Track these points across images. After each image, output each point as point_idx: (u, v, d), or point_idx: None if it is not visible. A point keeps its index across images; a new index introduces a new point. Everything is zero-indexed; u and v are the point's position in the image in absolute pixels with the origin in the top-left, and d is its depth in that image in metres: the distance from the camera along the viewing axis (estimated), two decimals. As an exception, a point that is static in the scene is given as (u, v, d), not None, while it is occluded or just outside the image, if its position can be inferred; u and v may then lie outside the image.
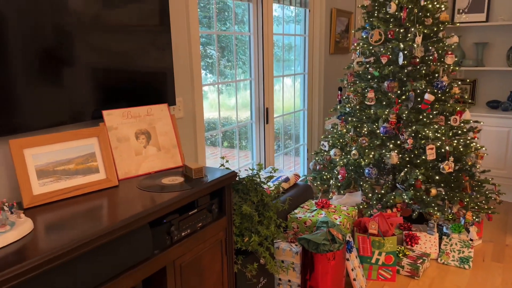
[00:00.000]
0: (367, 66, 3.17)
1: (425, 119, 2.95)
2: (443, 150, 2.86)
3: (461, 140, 2.99)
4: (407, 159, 2.99)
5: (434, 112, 2.99)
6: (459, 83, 3.07)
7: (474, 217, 2.98)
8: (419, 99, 3.00)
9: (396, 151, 2.89)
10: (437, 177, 2.92)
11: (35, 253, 1.12)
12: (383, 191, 3.03)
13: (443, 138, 2.88)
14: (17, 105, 1.50)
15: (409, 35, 2.99)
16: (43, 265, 1.12)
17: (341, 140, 3.26)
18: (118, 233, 1.32)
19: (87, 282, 1.27)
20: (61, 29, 1.59)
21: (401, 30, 3.00)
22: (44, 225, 1.31)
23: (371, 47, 3.12)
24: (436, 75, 3.03)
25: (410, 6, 2.97)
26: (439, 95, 3.01)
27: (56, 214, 1.40)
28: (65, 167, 1.56)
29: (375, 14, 3.16)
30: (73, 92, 1.67)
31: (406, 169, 2.92)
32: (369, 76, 3.16)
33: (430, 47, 3.01)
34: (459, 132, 3.06)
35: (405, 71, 3.02)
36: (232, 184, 2.18)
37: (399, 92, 3.03)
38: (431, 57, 2.99)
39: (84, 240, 1.22)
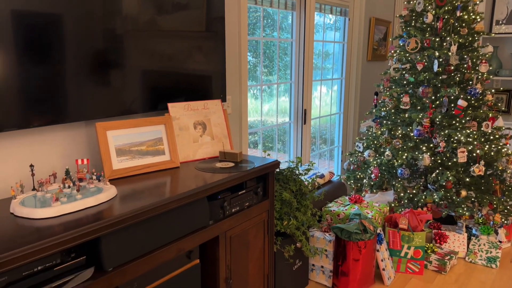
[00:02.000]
0: (403, 72, 3.35)
1: (457, 124, 3.09)
2: (474, 154, 2.99)
3: (493, 146, 3.11)
4: (439, 161, 3.14)
5: (467, 118, 3.13)
6: (493, 90, 3.20)
7: (502, 219, 3.09)
8: (452, 105, 3.15)
9: (428, 154, 3.05)
10: (467, 179, 3.05)
11: (120, 211, 1.40)
12: (414, 191, 3.18)
13: (475, 142, 3.01)
14: (99, 98, 1.81)
15: (444, 44, 3.15)
16: (127, 220, 1.40)
17: (375, 142, 3.44)
18: (184, 202, 1.59)
19: (158, 239, 1.55)
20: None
21: (437, 39, 3.16)
22: (124, 193, 1.60)
23: (407, 55, 3.30)
24: (470, 82, 3.17)
25: (446, 17, 3.13)
26: (473, 102, 3.15)
27: (132, 185, 1.69)
28: (138, 148, 1.86)
29: (412, 24, 3.34)
30: (142, 90, 1.97)
31: (437, 171, 3.06)
32: (405, 82, 3.34)
33: (465, 56, 3.16)
34: (491, 138, 3.17)
35: (440, 78, 3.17)
36: (274, 173, 2.43)
37: (433, 97, 3.18)
38: (465, 65, 3.13)
39: (159, 204, 1.49)
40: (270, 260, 2.20)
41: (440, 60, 3.13)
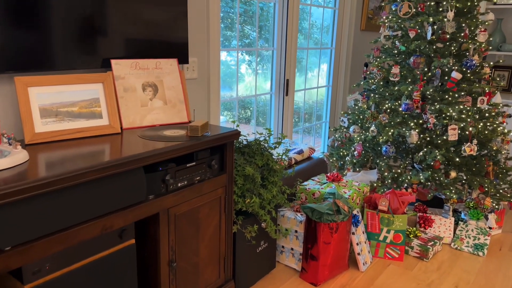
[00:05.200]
0: (394, 40, 3.05)
1: (450, 99, 2.81)
2: (467, 132, 2.72)
3: (488, 124, 2.84)
4: (428, 139, 2.88)
5: (462, 94, 2.85)
6: (491, 63, 2.90)
7: (493, 204, 2.85)
8: (446, 78, 2.86)
9: (417, 131, 2.78)
10: (457, 160, 2.79)
11: (21, 180, 1.16)
12: (399, 171, 2.93)
13: (468, 119, 2.74)
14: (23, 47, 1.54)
15: (440, 9, 2.84)
16: (27, 191, 1.15)
17: (361, 117, 3.17)
18: (110, 171, 1.34)
19: (76, 215, 1.31)
20: None
21: (432, 4, 2.85)
22: (41, 159, 1.35)
23: (400, 21, 2.99)
24: (467, 54, 2.87)
25: (444, -21, 2.81)
26: (468, 75, 2.86)
27: (55, 152, 1.44)
28: (68, 109, 1.60)
29: (407, -13, 3.01)
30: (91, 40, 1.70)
31: (425, 149, 2.81)
32: (395, 51, 3.04)
33: (463, 24, 2.85)
34: (486, 115, 2.90)
35: (434, 47, 2.88)
36: (239, 147, 2.18)
37: (425, 69, 2.90)
38: (462, 34, 2.83)
39: (74, 173, 1.25)
40: (228, 241, 1.97)
41: (435, 27, 2.82)
